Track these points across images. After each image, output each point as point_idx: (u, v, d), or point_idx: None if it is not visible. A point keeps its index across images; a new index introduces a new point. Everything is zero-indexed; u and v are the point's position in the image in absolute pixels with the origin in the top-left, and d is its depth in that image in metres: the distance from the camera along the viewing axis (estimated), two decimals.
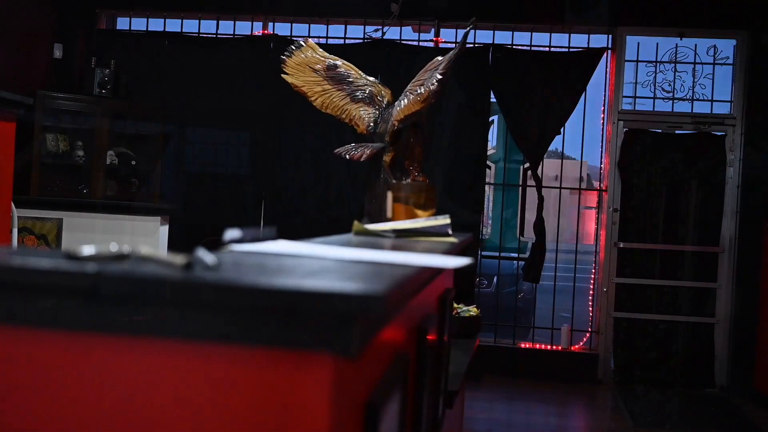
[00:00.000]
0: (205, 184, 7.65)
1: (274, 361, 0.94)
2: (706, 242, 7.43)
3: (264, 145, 7.63)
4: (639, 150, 7.50)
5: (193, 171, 7.67)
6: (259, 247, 1.41)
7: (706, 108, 7.61)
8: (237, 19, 7.92)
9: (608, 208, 7.58)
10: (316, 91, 3.69)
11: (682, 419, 6.46)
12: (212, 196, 7.62)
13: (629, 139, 7.53)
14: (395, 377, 1.38)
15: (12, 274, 0.98)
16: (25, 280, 0.98)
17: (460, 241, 2.34)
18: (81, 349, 1.00)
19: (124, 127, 7.57)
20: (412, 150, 3.46)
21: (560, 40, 7.65)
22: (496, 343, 7.71)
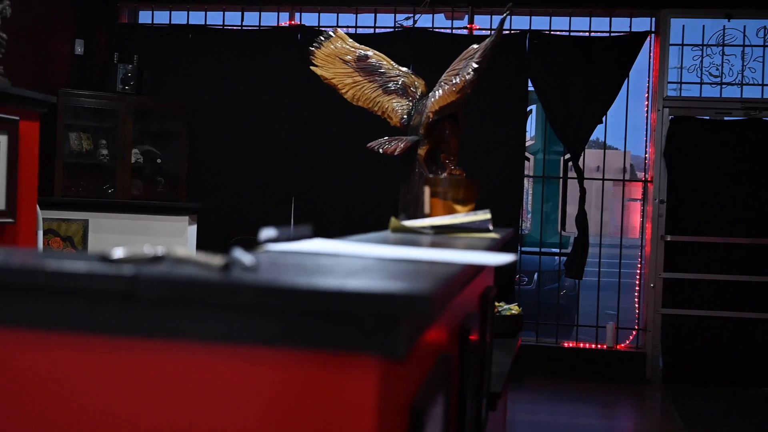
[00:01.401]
0: (233, 181, 7.68)
1: (318, 364, 0.95)
2: (758, 234, 7.34)
3: (293, 140, 7.65)
4: (686, 138, 7.42)
5: (220, 168, 7.70)
6: (295, 246, 1.42)
7: (757, 93, 7.52)
8: (263, 10, 7.95)
9: (654, 199, 7.52)
10: (346, 83, 3.70)
11: (735, 420, 6.40)
12: (240, 193, 7.65)
13: (675, 127, 7.46)
14: (439, 379, 1.38)
15: (48, 278, 1.00)
16: (62, 284, 1.00)
17: (501, 236, 2.34)
18: (119, 354, 1.01)
19: (149, 124, 7.63)
20: (448, 142, 3.45)
21: (600, 25, 7.60)
22: (538, 342, 7.69)
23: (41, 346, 1.03)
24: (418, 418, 1.16)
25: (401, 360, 0.95)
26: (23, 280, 1.02)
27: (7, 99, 3.82)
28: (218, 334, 0.97)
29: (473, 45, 3.46)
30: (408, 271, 1.19)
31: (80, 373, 1.02)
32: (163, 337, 0.99)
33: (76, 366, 1.03)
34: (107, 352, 1.02)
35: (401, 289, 0.91)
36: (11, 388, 1.04)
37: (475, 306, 2.16)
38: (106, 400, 1.02)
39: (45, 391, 1.03)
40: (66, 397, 1.03)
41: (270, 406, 0.97)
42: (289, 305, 0.94)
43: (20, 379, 1.04)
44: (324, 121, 7.49)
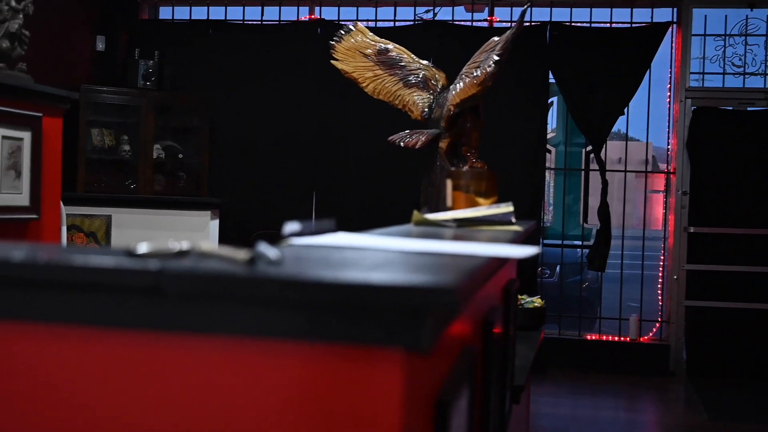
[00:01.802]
0: (254, 176, 7.70)
1: (343, 358, 0.95)
2: None
3: (314, 134, 7.66)
4: (709, 129, 7.37)
5: (241, 163, 7.72)
6: (318, 240, 1.43)
7: None
8: (282, 5, 7.96)
9: (677, 191, 7.48)
10: (367, 76, 3.70)
11: (760, 412, 6.37)
12: (261, 188, 7.67)
13: (698, 117, 7.41)
14: (464, 372, 1.38)
15: (74, 274, 1.01)
16: (88, 279, 1.01)
17: (524, 229, 2.34)
18: (145, 348, 1.02)
19: (170, 119, 7.67)
20: (470, 135, 3.45)
21: (622, 16, 7.56)
22: (561, 335, 7.67)
23: (68, 341, 1.04)
24: (443, 411, 1.16)
25: (426, 353, 0.95)
26: (50, 275, 1.02)
27: (30, 95, 3.84)
28: (243, 328, 0.98)
29: (494, 37, 3.45)
30: (432, 264, 1.19)
31: (107, 368, 1.03)
32: (189, 331, 1.00)
33: (102, 360, 1.03)
34: (133, 346, 1.02)
35: (426, 282, 0.91)
36: (38, 383, 1.05)
37: (498, 299, 2.16)
38: (132, 394, 1.02)
39: (72, 385, 1.04)
40: (93, 392, 1.04)
41: (295, 399, 0.97)
42: (315, 299, 0.94)
43: (47, 373, 1.05)
44: (344, 115, 7.50)
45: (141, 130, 7.39)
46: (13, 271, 1.03)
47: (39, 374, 1.05)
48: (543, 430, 5.62)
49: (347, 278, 0.93)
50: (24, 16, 3.82)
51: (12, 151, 3.73)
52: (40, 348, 1.05)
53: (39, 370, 1.05)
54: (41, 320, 1.05)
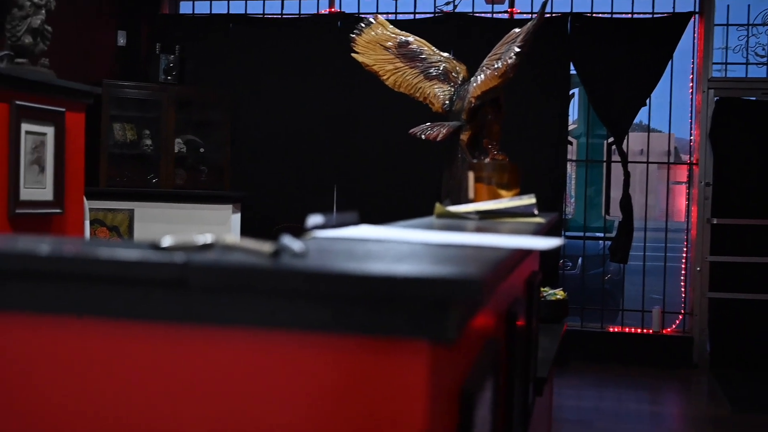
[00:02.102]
0: (275, 169, 7.72)
1: (369, 349, 0.95)
2: None
3: (334, 127, 7.66)
4: (732, 119, 7.32)
5: (262, 156, 7.74)
6: (342, 232, 1.43)
7: None
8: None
9: (700, 182, 7.43)
10: (387, 69, 3.69)
11: None
12: (282, 181, 7.69)
13: (721, 108, 7.35)
14: (488, 364, 1.38)
15: (101, 267, 1.01)
16: (114, 272, 1.01)
17: (547, 221, 2.33)
18: (170, 341, 1.03)
19: (191, 113, 7.70)
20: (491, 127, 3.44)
21: (643, 6, 7.51)
22: (583, 327, 7.65)
23: (94, 334, 1.05)
24: (468, 402, 1.16)
25: (451, 344, 0.95)
26: (76, 268, 1.03)
27: (53, 91, 3.87)
28: (269, 320, 0.98)
29: (515, 29, 3.44)
30: (456, 255, 1.19)
31: (133, 360, 1.04)
32: (214, 323, 1.00)
33: (128, 353, 1.04)
34: (159, 339, 1.03)
35: (451, 274, 0.91)
36: (64, 375, 1.06)
37: (521, 291, 2.16)
38: (158, 386, 1.03)
39: (98, 378, 1.05)
40: (119, 384, 1.04)
41: (321, 391, 0.97)
42: (340, 291, 0.94)
43: (73, 365, 1.06)
44: (365, 107, 7.50)
45: (162, 125, 7.42)
46: (41, 264, 1.04)
47: (66, 366, 1.06)
48: (566, 422, 5.61)
49: (372, 270, 0.93)
50: (46, 12, 3.84)
51: (35, 146, 3.75)
52: (67, 341, 1.06)
53: (66, 363, 1.06)
54: (68, 313, 1.05)
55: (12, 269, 1.06)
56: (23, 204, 3.69)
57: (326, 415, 0.97)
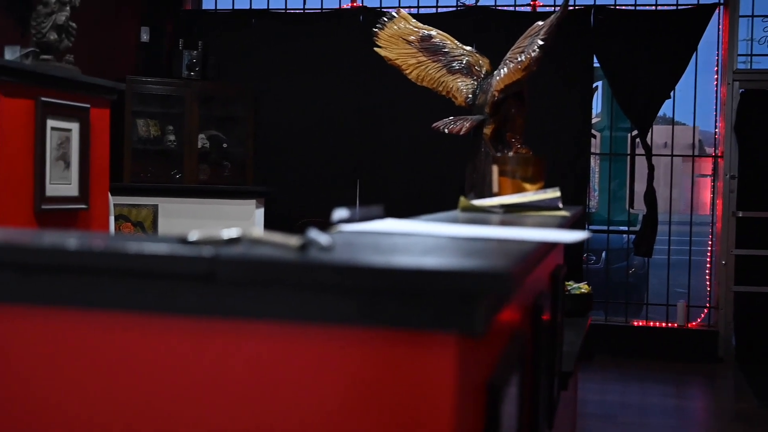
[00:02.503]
0: (298, 164, 7.73)
1: (396, 342, 0.95)
2: None
3: (357, 122, 7.67)
4: (757, 112, 7.25)
5: (285, 151, 7.76)
6: (367, 226, 1.43)
7: None
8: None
9: (725, 175, 7.38)
10: (410, 63, 3.69)
11: None
12: (306, 176, 7.70)
13: (746, 100, 7.29)
14: (514, 357, 1.38)
15: (129, 261, 1.02)
16: (142, 267, 1.02)
17: (572, 214, 2.32)
18: (198, 335, 1.03)
19: (214, 109, 7.72)
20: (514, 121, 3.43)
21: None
22: (608, 321, 7.62)
23: (123, 328, 1.06)
24: (495, 396, 1.16)
25: (479, 337, 0.95)
26: (105, 262, 1.04)
27: (78, 87, 3.89)
28: (296, 313, 0.98)
29: (538, 22, 3.43)
30: (482, 249, 1.19)
31: (161, 354, 1.04)
32: (242, 317, 1.01)
33: (157, 347, 1.05)
34: (187, 333, 1.04)
35: (479, 267, 0.91)
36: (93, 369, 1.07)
37: (546, 284, 2.15)
38: (186, 380, 1.04)
39: (126, 371, 1.06)
40: (147, 378, 1.05)
41: (349, 384, 0.97)
42: (367, 284, 0.94)
43: (101, 359, 1.07)
44: (387, 102, 7.49)
45: (186, 120, 7.45)
46: (70, 258, 1.05)
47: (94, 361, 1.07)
48: (591, 416, 5.60)
49: (400, 263, 0.93)
50: (71, 8, 3.87)
51: (61, 142, 3.78)
52: (96, 335, 1.07)
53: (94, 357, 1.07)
54: (96, 307, 1.06)
55: (41, 264, 1.07)
56: (49, 200, 3.72)
57: (354, 408, 0.97)
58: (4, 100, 3.46)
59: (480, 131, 3.42)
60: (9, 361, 1.09)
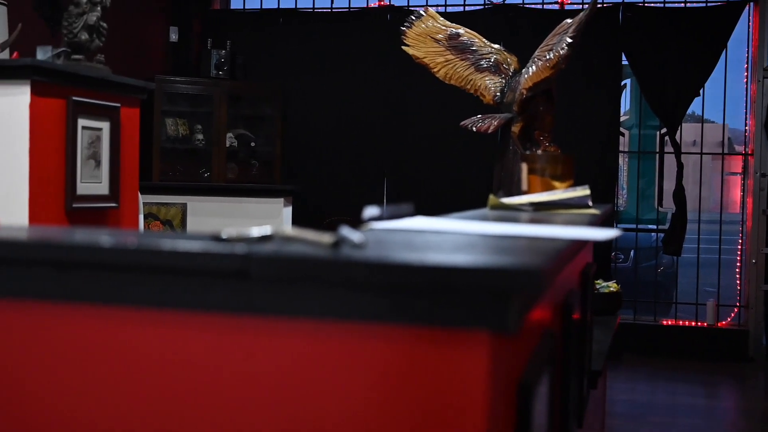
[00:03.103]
0: (326, 162, 7.75)
1: (429, 340, 0.95)
2: None
3: (384, 120, 7.67)
4: None
5: (312, 150, 7.78)
6: (398, 224, 1.43)
7: None
8: None
9: (755, 173, 7.31)
10: (438, 62, 3.68)
11: None
12: (333, 175, 7.71)
13: None
14: (544, 356, 1.37)
15: (163, 258, 1.03)
16: (177, 264, 1.02)
17: (602, 212, 2.31)
18: (232, 331, 1.03)
19: (242, 108, 7.75)
20: (543, 119, 3.41)
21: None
22: (636, 320, 7.57)
23: (157, 325, 1.06)
24: (526, 394, 1.16)
25: (512, 335, 0.94)
26: (140, 259, 1.05)
27: (109, 86, 3.92)
28: (329, 310, 0.98)
29: (567, 19, 3.41)
30: (514, 246, 1.19)
31: (195, 351, 1.05)
32: (275, 314, 1.01)
33: (190, 344, 1.05)
34: (220, 329, 1.04)
35: (513, 264, 0.90)
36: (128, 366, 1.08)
37: (576, 283, 2.14)
38: (220, 376, 1.04)
39: (160, 368, 1.06)
40: (181, 374, 1.06)
41: (381, 381, 0.98)
42: (400, 281, 0.94)
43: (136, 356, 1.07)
44: (415, 100, 7.49)
45: (214, 119, 7.49)
46: (105, 256, 1.05)
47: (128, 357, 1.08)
48: (619, 416, 5.56)
49: (433, 261, 0.93)
50: (101, 9, 3.89)
51: (91, 141, 3.81)
52: (130, 331, 1.08)
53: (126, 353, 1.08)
54: (129, 304, 1.07)
55: (77, 261, 1.08)
56: (80, 198, 3.75)
57: (386, 405, 0.98)
58: (36, 99, 3.49)
59: (508, 129, 3.41)
60: (46, 357, 1.10)
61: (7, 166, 3.48)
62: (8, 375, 1.11)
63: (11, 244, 1.11)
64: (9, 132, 3.48)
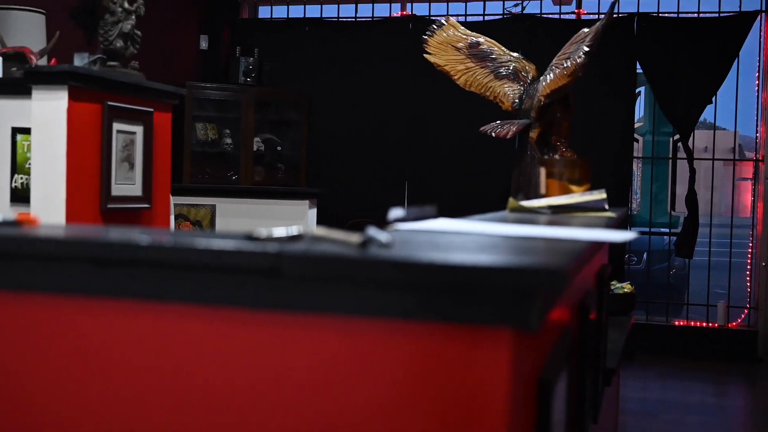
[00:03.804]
0: (349, 166, 7.76)
1: (453, 336, 0.95)
2: None
3: (406, 126, 7.67)
4: None
5: (336, 154, 7.79)
6: (422, 225, 1.43)
7: None
8: (375, 2, 7.98)
9: (765, 178, 7.26)
10: (459, 69, 3.68)
11: None
12: (356, 178, 7.73)
13: None
14: (563, 353, 1.37)
15: (199, 256, 1.03)
16: (210, 261, 1.03)
17: (618, 215, 2.30)
18: (264, 327, 1.04)
19: (269, 113, 7.78)
20: (560, 125, 3.40)
21: (709, 5, 7.36)
22: (649, 321, 7.53)
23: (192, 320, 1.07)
24: (546, 390, 1.16)
25: (534, 332, 0.94)
26: (176, 257, 1.05)
27: (142, 92, 3.94)
28: (357, 307, 0.99)
29: (584, 29, 3.40)
30: (535, 247, 1.19)
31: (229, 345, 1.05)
32: (305, 311, 1.01)
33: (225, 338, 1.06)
34: (253, 325, 1.04)
35: (536, 264, 0.90)
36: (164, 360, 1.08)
37: (593, 283, 2.13)
38: (254, 369, 1.04)
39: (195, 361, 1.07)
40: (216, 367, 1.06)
41: (408, 375, 0.98)
42: (426, 280, 0.94)
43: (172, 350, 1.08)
44: (436, 106, 7.48)
45: (242, 124, 7.53)
46: (143, 253, 1.06)
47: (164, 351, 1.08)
48: (632, 413, 5.54)
49: (458, 260, 0.93)
50: (136, 17, 3.91)
51: (126, 145, 3.83)
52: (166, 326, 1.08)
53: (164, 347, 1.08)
54: (167, 300, 1.08)
55: (117, 258, 1.08)
56: (114, 199, 3.77)
57: (411, 398, 0.98)
58: (73, 104, 3.52)
59: (526, 135, 3.40)
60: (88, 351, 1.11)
61: (45, 167, 3.50)
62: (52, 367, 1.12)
63: (54, 241, 1.12)
64: (47, 135, 3.50)
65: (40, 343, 1.13)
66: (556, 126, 3.40)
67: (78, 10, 6.42)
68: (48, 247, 1.11)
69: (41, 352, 1.13)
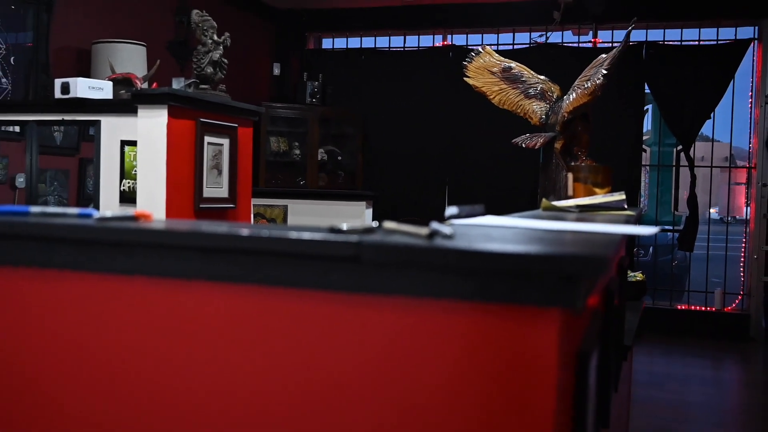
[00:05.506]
0: (399, 173, 7.76)
1: (509, 316, 0.94)
2: None
3: (447, 138, 7.65)
4: None
5: (388, 163, 7.80)
6: (474, 220, 1.42)
7: None
8: (421, 34, 7.97)
9: (757, 183, 7.10)
10: (494, 90, 3.66)
11: None
12: (404, 183, 7.73)
13: None
14: (595, 332, 1.35)
15: (291, 245, 1.03)
16: (302, 250, 1.02)
17: (636, 213, 2.26)
18: (346, 307, 1.03)
19: (331, 128, 7.81)
20: (580, 137, 3.37)
21: (709, 34, 7.22)
22: (655, 305, 7.41)
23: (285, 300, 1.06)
24: (584, 362, 1.13)
25: (579, 312, 0.92)
26: (272, 246, 1.05)
27: (229, 110, 3.97)
28: (426, 290, 0.97)
29: (602, 54, 3.36)
30: (575, 239, 1.17)
31: (315, 324, 1.05)
32: (381, 293, 1.00)
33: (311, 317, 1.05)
34: (336, 306, 1.04)
35: (582, 252, 0.89)
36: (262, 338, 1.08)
37: (615, 272, 2.10)
38: (336, 345, 1.04)
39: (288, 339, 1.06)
40: (305, 342, 1.05)
41: (469, 349, 0.96)
42: (486, 266, 0.93)
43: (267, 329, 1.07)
44: (473, 122, 7.46)
45: (308, 138, 7.55)
46: (243, 243, 1.06)
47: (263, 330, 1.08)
48: (641, 384, 5.46)
49: (513, 249, 0.92)
50: (223, 48, 3.94)
51: (215, 154, 3.86)
52: (261, 307, 1.08)
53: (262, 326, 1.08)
54: (263, 283, 1.07)
55: (221, 247, 1.08)
56: (205, 200, 3.80)
57: (472, 369, 0.96)
58: (171, 120, 3.56)
59: (551, 146, 3.37)
60: (195, 329, 1.11)
61: (148, 173, 3.55)
62: (164, 344, 1.12)
63: (171, 233, 1.13)
64: (151, 147, 3.55)
65: (155, 323, 1.13)
66: (578, 138, 3.37)
67: (173, 43, 6.50)
68: (164, 238, 1.12)
69: (156, 330, 1.13)
